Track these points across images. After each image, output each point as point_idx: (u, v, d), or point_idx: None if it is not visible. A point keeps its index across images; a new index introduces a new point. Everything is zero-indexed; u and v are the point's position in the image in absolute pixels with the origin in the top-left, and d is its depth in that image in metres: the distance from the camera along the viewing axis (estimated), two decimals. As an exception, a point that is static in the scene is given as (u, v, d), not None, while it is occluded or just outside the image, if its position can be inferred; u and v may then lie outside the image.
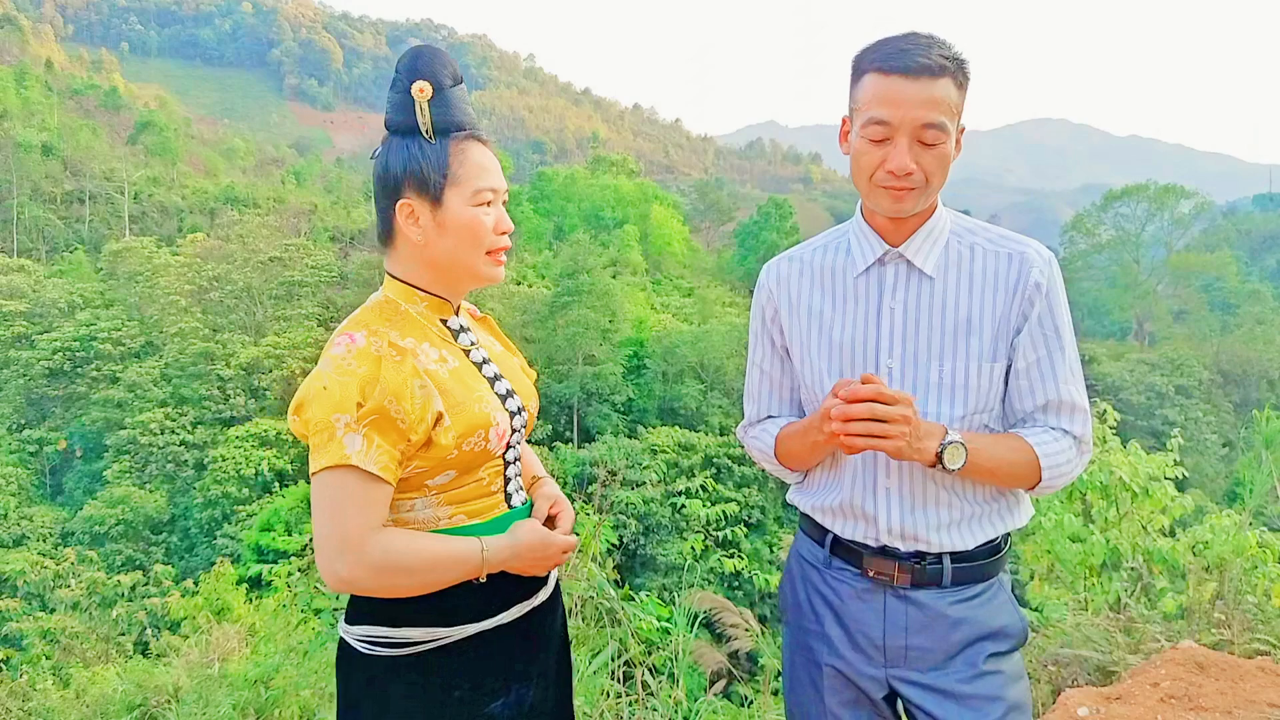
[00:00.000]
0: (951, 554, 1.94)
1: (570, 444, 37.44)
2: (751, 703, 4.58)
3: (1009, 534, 2.03)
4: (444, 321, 1.88)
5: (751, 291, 2.29)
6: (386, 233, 1.83)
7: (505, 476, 1.90)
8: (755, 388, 2.22)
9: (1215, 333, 63.09)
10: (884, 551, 1.97)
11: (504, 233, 1.85)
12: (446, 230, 1.79)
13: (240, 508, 33.36)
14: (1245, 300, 70.31)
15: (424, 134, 1.77)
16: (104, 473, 36.90)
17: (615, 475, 31.13)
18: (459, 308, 1.94)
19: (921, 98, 1.78)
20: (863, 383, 1.79)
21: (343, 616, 1.86)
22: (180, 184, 75.70)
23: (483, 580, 1.79)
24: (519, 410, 1.91)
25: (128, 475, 36.32)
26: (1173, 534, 5.24)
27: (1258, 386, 51.47)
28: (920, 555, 1.95)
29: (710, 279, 67.38)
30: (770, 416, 2.21)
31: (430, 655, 1.78)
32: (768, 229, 71.46)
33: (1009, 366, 1.92)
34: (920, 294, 1.94)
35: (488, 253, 1.83)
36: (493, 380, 1.88)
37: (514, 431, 1.88)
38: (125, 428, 37.54)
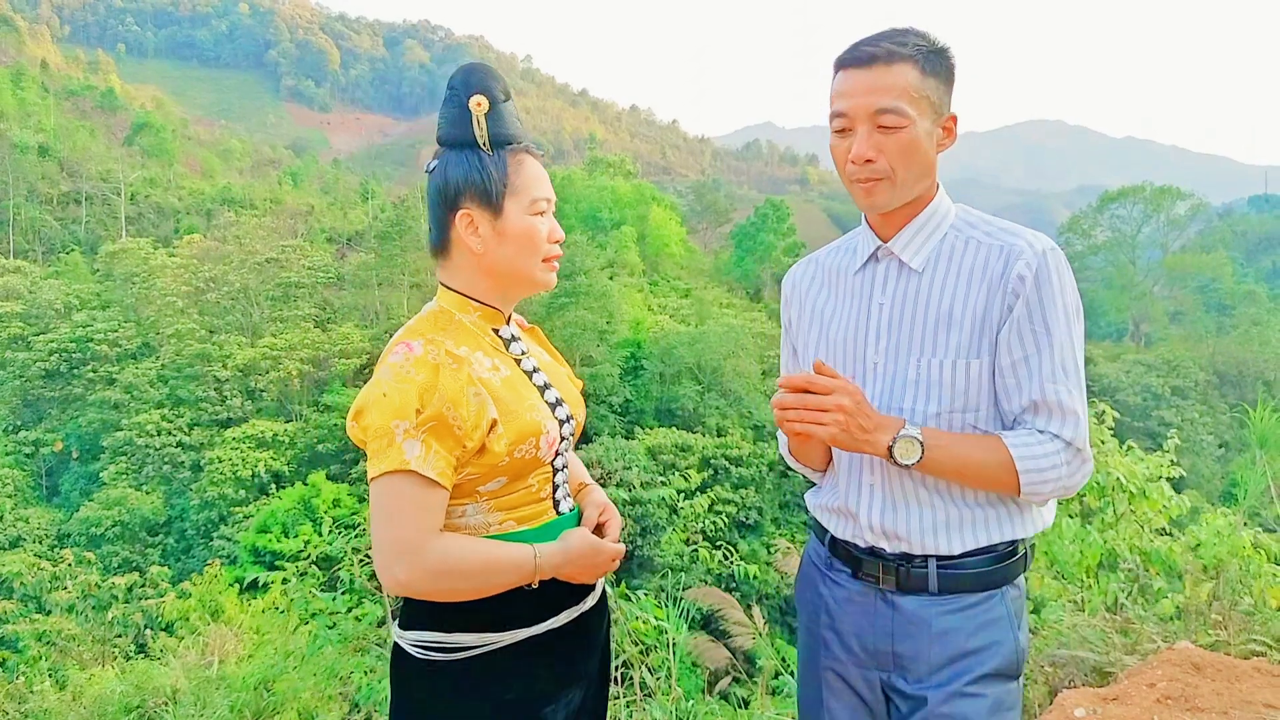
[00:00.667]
0: (937, 558, 1.88)
1: (567, 445, 37.35)
2: (749, 704, 4.58)
3: (1018, 543, 1.92)
4: (496, 331, 1.92)
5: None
6: (442, 244, 1.88)
7: (554, 484, 1.92)
8: None
9: (1211, 334, 63.23)
10: (872, 553, 1.94)
11: (556, 240, 1.91)
12: (506, 239, 1.84)
13: (237, 509, 33.36)
14: (1241, 301, 70.45)
15: (482, 147, 1.82)
16: (100, 474, 36.87)
17: (612, 476, 31.15)
18: (510, 317, 1.97)
19: (873, 85, 1.78)
20: (815, 371, 1.82)
21: (396, 622, 1.90)
22: (177, 185, 75.56)
23: (535, 586, 1.81)
24: (567, 419, 1.94)
25: (124, 477, 36.29)
26: (1169, 535, 5.25)
27: (1254, 387, 51.50)
28: (907, 558, 1.90)
29: (707, 280, 67.31)
30: None
31: (483, 659, 1.81)
32: (765, 230, 71.35)
33: (996, 364, 1.85)
34: (907, 289, 1.92)
35: (543, 260, 1.89)
36: (543, 389, 1.92)
37: (562, 439, 1.91)
38: (122, 429, 37.52)
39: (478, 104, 1.81)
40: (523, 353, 1.95)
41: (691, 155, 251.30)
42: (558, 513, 1.93)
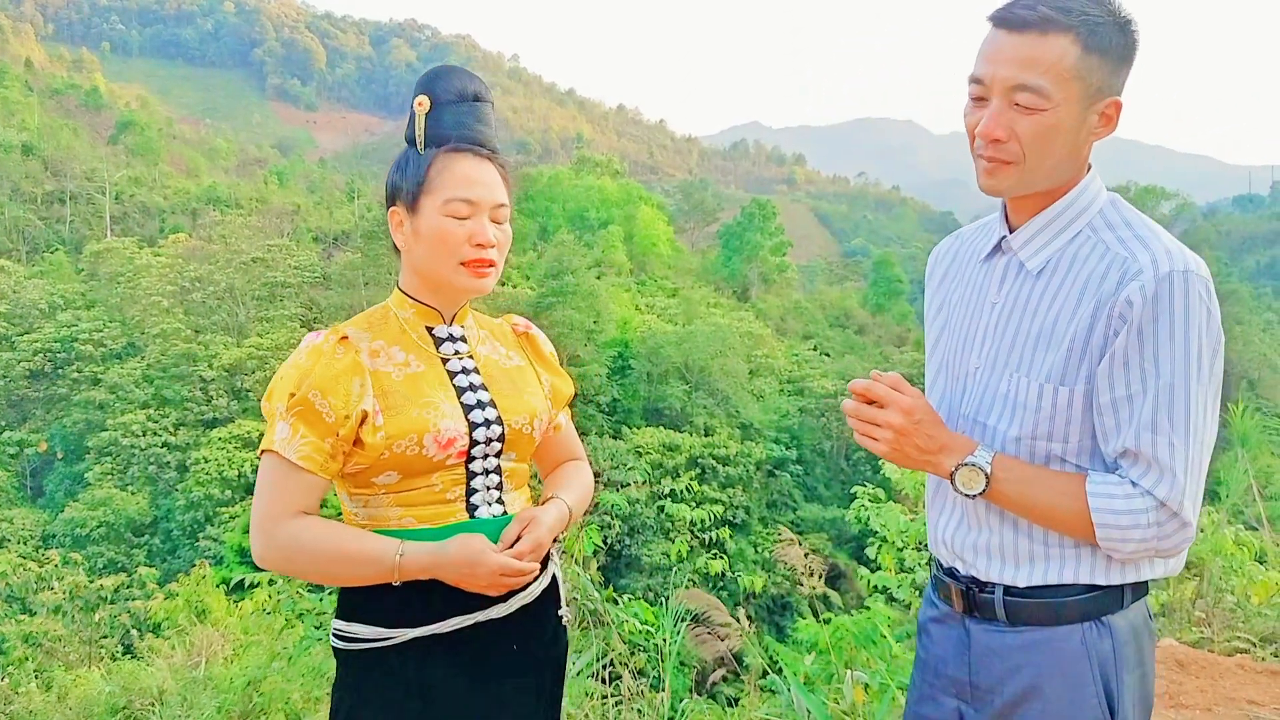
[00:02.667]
0: (1005, 587, 1.68)
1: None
2: (739, 701, 4.59)
3: (1119, 587, 1.66)
4: (430, 329, 1.89)
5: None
6: (393, 241, 1.90)
7: (469, 487, 1.85)
8: None
9: (1195, 333, 63.56)
10: (950, 573, 1.79)
11: (480, 245, 1.80)
12: (420, 238, 1.82)
13: (223, 510, 33.17)
14: (1224, 301, 68.81)
15: (416, 145, 1.84)
16: (85, 475, 36.60)
17: (600, 476, 31.13)
18: (453, 317, 1.92)
19: (1017, 54, 1.53)
20: (873, 379, 1.67)
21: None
22: (162, 184, 75.13)
23: (396, 584, 1.75)
24: (488, 423, 1.84)
25: (109, 477, 36.05)
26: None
27: (1237, 387, 51.81)
28: (977, 583, 1.73)
29: (694, 280, 67.26)
30: None
31: (383, 653, 1.79)
32: (752, 230, 71.41)
33: (1094, 400, 1.60)
34: (1020, 292, 1.68)
35: (462, 263, 1.80)
36: (463, 390, 1.85)
37: (477, 443, 1.83)
38: (107, 429, 37.24)
39: (419, 104, 1.84)
40: (456, 353, 1.89)
41: (679, 155, 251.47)
42: (471, 516, 1.84)
